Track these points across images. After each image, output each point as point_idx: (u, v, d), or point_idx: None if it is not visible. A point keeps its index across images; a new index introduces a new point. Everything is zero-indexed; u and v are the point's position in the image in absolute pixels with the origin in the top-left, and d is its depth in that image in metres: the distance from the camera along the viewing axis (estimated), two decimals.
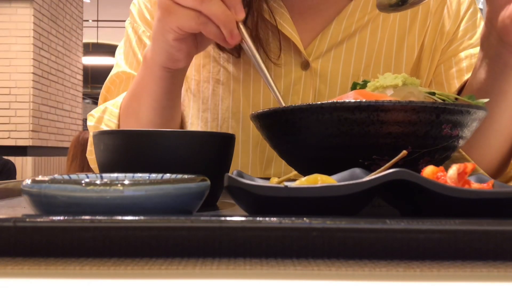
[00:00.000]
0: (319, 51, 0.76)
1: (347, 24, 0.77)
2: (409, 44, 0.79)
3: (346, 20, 0.77)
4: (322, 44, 0.77)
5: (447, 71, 0.80)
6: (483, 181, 0.39)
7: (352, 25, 0.77)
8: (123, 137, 0.46)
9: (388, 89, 0.49)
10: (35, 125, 4.67)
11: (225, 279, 0.27)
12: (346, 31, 0.77)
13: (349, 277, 0.28)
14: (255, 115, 0.49)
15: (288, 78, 0.76)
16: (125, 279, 0.27)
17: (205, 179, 0.36)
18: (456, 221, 0.30)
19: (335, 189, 0.32)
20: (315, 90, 0.76)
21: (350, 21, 0.77)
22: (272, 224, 0.30)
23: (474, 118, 0.45)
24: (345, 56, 0.77)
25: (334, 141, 0.44)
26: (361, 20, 0.77)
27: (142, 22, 0.83)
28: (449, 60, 0.80)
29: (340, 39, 0.77)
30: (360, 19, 0.77)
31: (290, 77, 0.76)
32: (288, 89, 0.77)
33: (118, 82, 0.83)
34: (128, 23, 0.85)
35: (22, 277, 0.28)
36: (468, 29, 0.80)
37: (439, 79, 0.81)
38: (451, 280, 0.27)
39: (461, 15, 0.81)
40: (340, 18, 0.77)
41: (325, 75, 0.76)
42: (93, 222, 0.30)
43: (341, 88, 0.76)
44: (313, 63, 0.76)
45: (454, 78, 0.79)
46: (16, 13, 4.62)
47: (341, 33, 0.77)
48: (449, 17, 0.81)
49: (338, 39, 0.77)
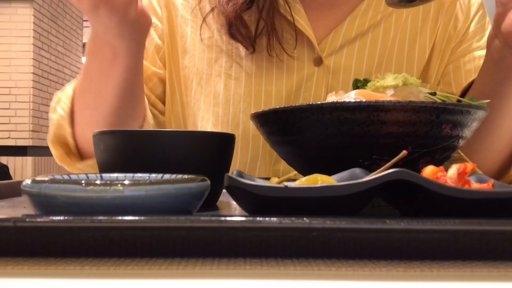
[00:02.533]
0: (332, 47, 0.77)
1: (360, 22, 0.77)
2: (421, 44, 0.79)
3: (359, 18, 0.77)
4: (335, 40, 0.77)
5: (455, 71, 0.80)
6: (483, 181, 0.39)
7: (365, 23, 0.77)
8: (123, 137, 0.46)
9: (388, 89, 0.49)
10: (35, 125, 4.67)
11: (225, 279, 0.27)
12: (359, 28, 0.77)
13: (349, 277, 0.28)
14: (255, 114, 0.49)
15: (300, 73, 0.77)
16: (125, 279, 0.27)
17: (205, 179, 0.36)
18: (456, 221, 0.30)
19: (335, 189, 0.32)
20: (327, 86, 0.76)
21: (363, 19, 0.77)
22: (272, 224, 0.30)
23: (474, 118, 0.45)
24: (358, 54, 0.77)
25: (334, 141, 0.44)
26: (374, 18, 0.78)
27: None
28: (457, 61, 0.80)
29: (353, 37, 0.77)
30: (373, 17, 0.78)
31: (303, 73, 0.77)
32: (300, 85, 0.77)
33: None
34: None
35: (22, 277, 0.28)
36: (477, 31, 0.81)
37: (447, 79, 0.81)
38: (451, 280, 0.27)
39: (471, 16, 0.81)
40: (354, 16, 0.77)
41: (338, 72, 0.76)
42: (93, 222, 0.30)
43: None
44: (326, 60, 0.76)
45: (462, 79, 0.79)
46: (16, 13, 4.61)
47: (354, 30, 0.77)
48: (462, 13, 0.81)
49: (351, 36, 0.77)
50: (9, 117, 4.60)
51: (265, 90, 0.77)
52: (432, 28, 0.80)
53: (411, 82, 0.49)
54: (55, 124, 0.74)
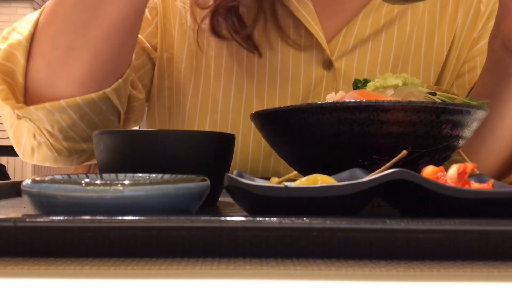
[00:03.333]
0: (343, 48, 0.70)
1: (374, 18, 0.70)
2: (438, 41, 0.73)
3: (373, 14, 0.70)
4: (347, 40, 0.69)
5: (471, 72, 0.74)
6: (483, 181, 0.39)
7: (380, 19, 0.70)
8: (123, 137, 0.46)
9: (388, 89, 0.49)
10: None
11: (225, 279, 0.27)
12: (374, 26, 0.70)
13: (349, 277, 0.28)
14: (255, 114, 0.49)
15: (308, 79, 0.70)
16: (125, 279, 0.27)
17: (205, 179, 0.36)
18: (456, 221, 0.30)
19: (335, 189, 0.32)
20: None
21: (378, 14, 0.70)
22: (272, 224, 0.30)
23: (474, 118, 0.45)
24: (371, 56, 0.70)
25: (334, 141, 0.44)
26: (390, 13, 0.70)
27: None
28: (474, 60, 0.74)
29: (367, 35, 0.70)
30: (388, 13, 0.70)
31: (311, 78, 0.70)
32: (307, 92, 0.70)
33: None
34: None
35: (22, 277, 0.28)
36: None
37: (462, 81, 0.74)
38: (451, 280, 0.27)
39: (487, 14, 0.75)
40: (368, 11, 0.70)
41: (349, 77, 0.69)
42: (93, 222, 0.30)
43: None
44: (336, 63, 0.69)
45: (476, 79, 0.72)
46: (16, 13, 4.61)
47: (368, 28, 0.70)
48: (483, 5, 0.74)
49: (365, 35, 0.70)
50: None
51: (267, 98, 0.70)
52: (451, 23, 0.73)
53: (411, 82, 0.49)
54: (2, 51, 0.58)
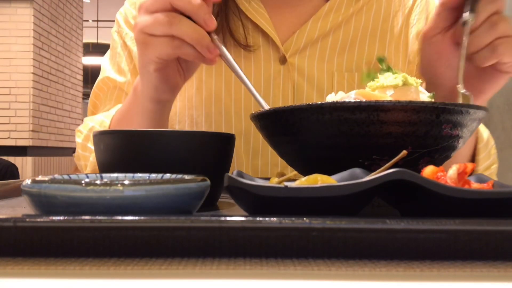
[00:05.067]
0: (296, 47, 0.80)
1: (322, 24, 0.81)
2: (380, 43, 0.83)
3: (322, 20, 0.81)
4: (299, 41, 0.80)
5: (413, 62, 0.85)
6: (483, 181, 0.40)
7: (327, 25, 0.81)
8: (123, 137, 0.46)
9: (388, 89, 0.49)
10: (35, 125, 4.67)
11: (225, 279, 0.27)
12: (322, 30, 0.81)
13: (349, 277, 0.28)
14: (255, 115, 0.49)
15: (267, 72, 0.80)
16: (125, 279, 0.27)
17: (205, 179, 0.36)
18: (456, 221, 0.30)
19: (335, 189, 0.32)
20: (293, 83, 0.79)
21: (325, 21, 0.81)
22: (272, 224, 0.30)
23: (474, 118, 0.45)
24: (320, 54, 0.81)
25: (334, 141, 0.44)
26: (336, 20, 0.81)
27: (127, 27, 0.85)
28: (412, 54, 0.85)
29: (315, 38, 0.81)
30: (334, 19, 0.81)
31: (270, 72, 0.80)
32: (268, 82, 0.80)
33: (106, 90, 0.85)
34: (114, 31, 0.87)
35: (22, 277, 0.28)
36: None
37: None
38: (451, 280, 0.27)
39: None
40: (316, 18, 0.81)
41: (303, 70, 0.80)
42: (93, 222, 0.30)
43: (318, 82, 0.80)
44: (290, 59, 0.80)
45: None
46: (16, 13, 4.61)
47: (317, 31, 0.81)
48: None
49: (314, 37, 0.80)
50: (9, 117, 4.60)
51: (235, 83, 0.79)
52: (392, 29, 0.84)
53: (411, 82, 0.49)
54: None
